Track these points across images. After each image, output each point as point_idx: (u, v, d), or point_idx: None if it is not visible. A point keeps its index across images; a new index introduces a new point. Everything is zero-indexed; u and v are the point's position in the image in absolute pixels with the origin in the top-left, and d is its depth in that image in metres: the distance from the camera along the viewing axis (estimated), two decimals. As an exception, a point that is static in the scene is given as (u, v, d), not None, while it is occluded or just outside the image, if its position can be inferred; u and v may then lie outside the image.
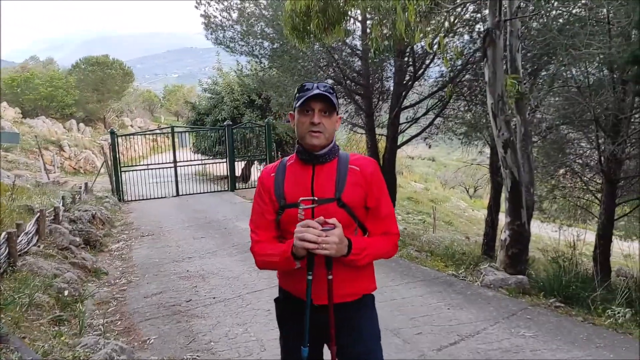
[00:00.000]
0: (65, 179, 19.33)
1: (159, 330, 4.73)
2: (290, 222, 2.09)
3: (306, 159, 2.13)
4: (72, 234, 7.95)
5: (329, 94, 2.04)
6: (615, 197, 9.57)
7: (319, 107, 2.06)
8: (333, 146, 2.14)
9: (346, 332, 2.14)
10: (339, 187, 2.07)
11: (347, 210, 2.06)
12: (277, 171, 2.20)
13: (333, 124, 2.11)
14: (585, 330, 4.47)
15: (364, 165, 2.14)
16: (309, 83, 2.10)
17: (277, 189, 2.14)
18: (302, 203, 2.05)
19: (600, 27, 8.38)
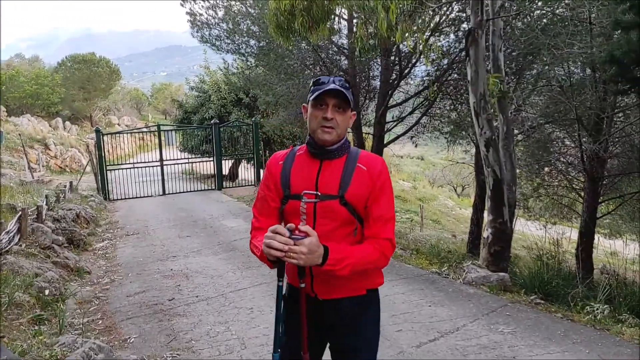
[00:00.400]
0: (50, 177, 19.16)
1: (140, 329, 4.71)
2: (293, 213, 2.09)
3: (315, 152, 2.10)
4: (55, 233, 7.88)
5: (344, 90, 2.02)
6: (598, 195, 9.69)
7: (333, 103, 2.03)
8: (344, 142, 2.11)
9: (346, 331, 2.15)
10: (343, 185, 2.04)
11: (349, 208, 2.03)
12: (285, 159, 2.17)
13: (346, 120, 2.09)
14: (563, 326, 4.52)
15: (372, 165, 2.09)
16: (325, 77, 2.07)
17: (283, 178, 2.12)
18: (305, 196, 2.05)
19: (582, 27, 8.48)
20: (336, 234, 2.04)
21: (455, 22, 11.03)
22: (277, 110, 14.71)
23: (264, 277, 6.29)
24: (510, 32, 9.55)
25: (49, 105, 32.26)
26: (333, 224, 2.04)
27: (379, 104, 12.16)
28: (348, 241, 2.06)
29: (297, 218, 2.06)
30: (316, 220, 2.05)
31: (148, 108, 52.85)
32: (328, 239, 2.01)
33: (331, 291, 2.09)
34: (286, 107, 13.44)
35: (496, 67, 6.96)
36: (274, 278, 6.18)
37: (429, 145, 31.56)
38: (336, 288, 2.08)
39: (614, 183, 10.46)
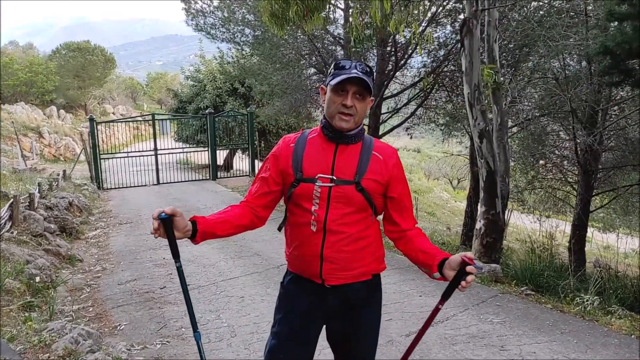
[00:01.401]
0: (43, 165, 19.07)
1: (130, 317, 4.71)
2: (303, 197, 2.05)
3: (331, 136, 2.07)
4: (48, 220, 7.85)
5: (365, 77, 1.97)
6: (591, 189, 9.71)
7: (354, 90, 1.99)
8: (360, 129, 2.09)
9: (351, 317, 2.14)
10: (360, 171, 2.02)
11: (364, 195, 2.02)
12: (297, 142, 2.13)
13: (365, 107, 2.05)
14: (553, 317, 4.55)
15: (387, 154, 2.10)
16: (346, 61, 2.03)
17: (295, 161, 2.09)
18: (319, 180, 2.03)
19: (578, 19, 8.47)
20: (349, 218, 2.04)
21: (452, 13, 11.00)
22: (272, 100, 14.65)
23: (256, 267, 6.29)
24: (507, 24, 9.52)
25: (43, 93, 32.03)
26: (347, 209, 2.03)
27: (375, 94, 12.10)
28: (362, 226, 2.06)
29: (308, 202, 2.04)
30: (330, 204, 2.03)
31: (143, 97, 52.53)
32: (342, 223, 2.03)
33: (340, 277, 2.08)
34: (281, 97, 13.39)
35: (491, 58, 6.94)
36: (265, 267, 6.22)
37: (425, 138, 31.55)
38: (345, 273, 2.07)
39: (608, 176, 10.49)
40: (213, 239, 2.15)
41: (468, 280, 1.86)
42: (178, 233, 2.00)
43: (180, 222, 1.98)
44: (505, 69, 10.07)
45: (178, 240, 2.02)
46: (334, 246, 2.04)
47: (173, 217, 1.96)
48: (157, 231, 1.97)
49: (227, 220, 2.13)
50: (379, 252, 2.18)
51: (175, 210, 1.95)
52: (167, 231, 1.97)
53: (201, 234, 2.06)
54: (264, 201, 2.18)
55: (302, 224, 2.08)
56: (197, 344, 2.15)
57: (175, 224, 1.97)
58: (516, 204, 13.92)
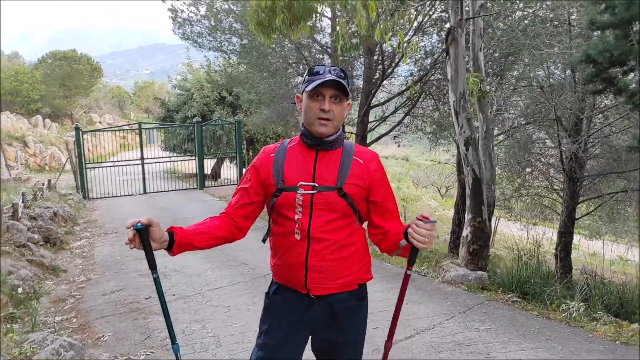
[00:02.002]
0: (28, 175, 18.88)
1: (114, 328, 4.64)
2: (286, 206, 2.04)
3: (311, 143, 2.05)
4: (31, 231, 7.75)
5: (341, 80, 1.96)
6: (577, 196, 9.79)
7: (331, 94, 1.97)
8: (340, 134, 2.07)
9: (336, 327, 2.11)
10: (342, 176, 2.01)
11: (347, 200, 2.00)
12: (277, 152, 2.12)
13: (343, 110, 2.03)
14: (538, 323, 4.56)
15: (368, 158, 2.09)
16: (319, 66, 2.02)
17: (275, 170, 2.07)
18: (301, 188, 2.01)
19: (562, 28, 8.57)
20: (333, 225, 2.02)
21: (438, 22, 11.09)
22: (260, 109, 14.63)
23: (243, 276, 6.25)
24: (492, 33, 9.62)
25: (28, 102, 31.70)
26: (331, 215, 2.01)
27: (362, 103, 12.16)
28: (346, 232, 2.04)
29: (291, 210, 2.02)
30: (313, 212, 2.01)
31: (130, 106, 52.27)
32: (326, 230, 2.01)
33: (325, 286, 2.05)
34: (269, 106, 13.38)
35: (476, 66, 7.00)
36: (252, 277, 6.18)
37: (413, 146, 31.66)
38: (331, 283, 2.05)
39: (593, 184, 10.58)
40: (191, 250, 2.11)
41: (419, 233, 1.86)
42: (154, 244, 1.95)
43: (157, 232, 1.94)
44: (491, 78, 10.16)
45: (155, 251, 1.98)
46: (318, 254, 2.02)
47: (149, 227, 1.91)
48: (132, 241, 1.92)
49: (206, 232, 2.10)
50: (364, 260, 2.16)
51: (151, 220, 1.91)
52: (143, 242, 1.92)
53: (178, 245, 2.02)
54: (244, 212, 2.15)
55: (286, 233, 2.06)
56: (176, 356, 2.11)
57: (151, 235, 1.93)
58: (503, 212, 14.00)
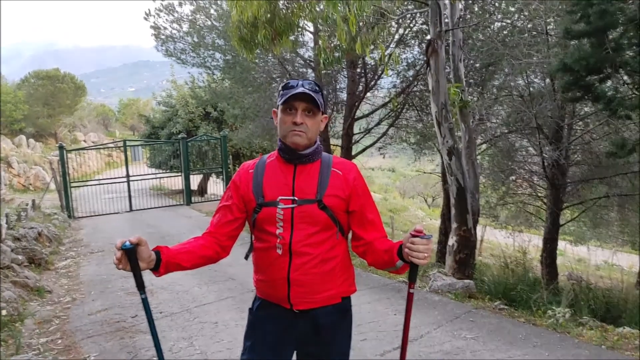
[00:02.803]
0: (12, 196, 18.68)
1: (100, 348, 4.59)
2: (267, 221, 2.03)
3: (288, 157, 2.06)
4: (15, 252, 7.65)
5: (313, 93, 1.98)
6: (560, 202, 9.90)
7: (303, 107, 1.99)
8: (317, 147, 2.09)
9: (321, 341, 2.11)
10: (321, 189, 2.01)
11: (327, 212, 2.01)
12: (256, 168, 2.12)
13: (317, 123, 2.05)
14: (525, 330, 4.59)
15: (346, 169, 2.09)
16: (293, 80, 2.04)
17: (255, 186, 2.07)
18: (281, 202, 2.01)
19: (540, 38, 8.72)
20: (315, 238, 2.02)
21: (419, 34, 11.23)
22: (245, 124, 14.66)
23: (230, 291, 6.22)
24: (472, 44, 9.76)
25: (11, 122, 31.44)
26: (312, 228, 2.01)
27: (346, 115, 12.24)
28: (328, 245, 2.04)
29: (272, 225, 2.02)
30: (294, 226, 2.01)
31: (115, 124, 52.05)
32: (307, 244, 2.01)
33: (308, 301, 2.05)
34: (254, 120, 13.42)
35: (457, 77, 7.09)
36: (240, 292, 6.16)
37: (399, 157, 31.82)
38: (314, 297, 2.04)
39: (576, 190, 10.71)
40: (177, 270, 2.07)
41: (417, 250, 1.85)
42: (142, 263, 1.92)
43: (145, 252, 1.91)
44: (472, 88, 10.30)
45: (142, 271, 1.95)
46: (300, 268, 2.02)
47: (137, 247, 1.88)
48: (121, 262, 1.89)
49: (191, 251, 2.08)
50: (347, 273, 2.16)
51: (140, 239, 1.88)
52: (132, 262, 1.89)
53: (165, 265, 1.99)
54: (228, 230, 2.14)
55: (268, 248, 2.07)
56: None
57: (139, 254, 1.90)
58: (489, 220, 14.11)
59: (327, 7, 5.67)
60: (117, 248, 1.86)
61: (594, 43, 5.45)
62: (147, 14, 12.33)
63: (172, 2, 12.62)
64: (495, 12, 9.84)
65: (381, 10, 6.77)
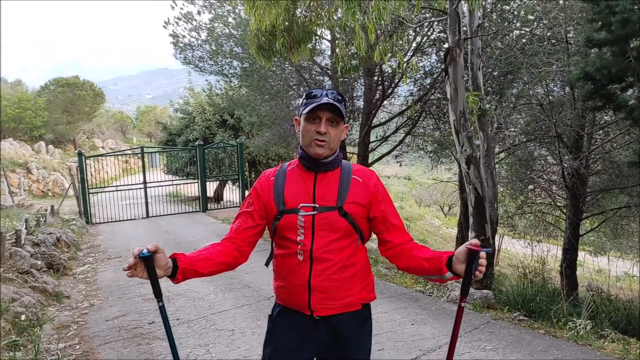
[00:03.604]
0: (31, 201, 18.91)
1: (118, 354, 4.61)
2: (288, 228, 2.05)
3: (309, 165, 2.08)
4: (34, 257, 7.74)
5: (337, 103, 2.00)
6: (580, 212, 9.75)
7: (327, 117, 2.01)
8: (337, 155, 2.10)
9: (341, 348, 2.10)
10: (342, 196, 2.03)
11: (348, 219, 2.02)
12: (277, 176, 2.15)
13: (339, 133, 2.07)
14: (545, 342, 4.51)
15: (366, 176, 2.11)
16: (317, 90, 2.06)
17: (276, 194, 2.09)
18: (302, 209, 2.03)
19: (560, 47, 8.64)
20: (336, 245, 2.03)
21: (436, 42, 11.20)
22: (261, 131, 14.72)
23: (247, 299, 6.22)
24: (490, 52, 9.71)
25: (31, 129, 32.01)
26: (333, 235, 2.02)
27: (363, 123, 12.23)
28: (348, 252, 2.05)
29: (293, 232, 2.04)
30: (315, 233, 2.02)
31: (133, 131, 52.65)
32: (328, 250, 2.02)
33: (329, 307, 2.05)
34: (270, 128, 13.47)
35: (475, 85, 7.05)
36: (256, 299, 6.15)
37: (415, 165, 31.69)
38: (334, 303, 2.05)
39: (596, 200, 10.55)
40: (195, 277, 2.07)
41: (481, 264, 1.85)
42: (159, 271, 1.93)
43: (162, 259, 1.92)
44: (491, 96, 10.22)
45: (159, 278, 1.96)
46: (321, 274, 2.03)
47: (154, 254, 1.90)
48: (131, 269, 1.90)
49: (209, 258, 2.08)
50: (367, 280, 2.16)
51: (157, 246, 1.90)
52: (149, 270, 1.90)
53: (182, 272, 2.00)
54: (247, 235, 2.15)
55: (289, 255, 2.08)
56: None
57: (156, 261, 1.91)
58: (507, 230, 13.95)
59: (345, 15, 5.67)
60: (135, 256, 1.88)
61: (615, 52, 5.38)
62: (166, 23, 12.48)
63: (190, 11, 12.78)
64: (514, 20, 9.77)
65: (399, 19, 6.76)
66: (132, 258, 1.89)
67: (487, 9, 9.08)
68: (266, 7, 6.62)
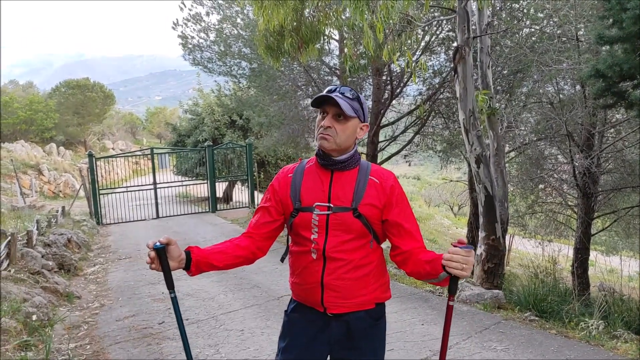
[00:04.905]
0: (42, 202, 19.08)
1: (128, 354, 4.62)
2: (303, 226, 2.05)
3: (325, 164, 2.06)
4: (46, 258, 7.80)
5: (343, 99, 1.97)
6: (592, 211, 9.66)
7: (334, 111, 2.00)
8: (354, 154, 2.08)
9: (354, 347, 2.10)
10: (357, 197, 2.01)
11: (362, 221, 2.00)
12: (295, 172, 2.14)
13: (348, 129, 2.01)
14: (557, 342, 4.47)
15: (384, 178, 2.07)
16: (333, 85, 2.06)
17: (293, 191, 2.09)
18: (317, 208, 2.02)
19: (570, 44, 8.57)
20: (349, 245, 2.02)
21: (445, 41, 11.16)
22: (270, 131, 14.73)
23: (256, 299, 6.22)
24: (500, 50, 9.65)
25: (42, 130, 32.29)
26: (346, 236, 2.01)
27: (372, 123, 12.20)
28: (361, 253, 2.04)
29: (308, 230, 2.04)
30: (328, 232, 2.02)
31: (143, 132, 52.95)
32: (341, 250, 2.01)
33: (341, 305, 2.05)
34: (279, 128, 13.48)
35: (485, 83, 7.01)
36: (265, 299, 6.14)
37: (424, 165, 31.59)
38: (347, 301, 2.04)
39: (608, 199, 10.45)
40: (211, 270, 2.09)
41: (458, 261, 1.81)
42: (173, 262, 1.96)
43: (175, 251, 1.95)
44: (500, 95, 10.16)
45: (173, 270, 1.98)
46: (334, 273, 2.02)
47: (167, 246, 1.93)
48: (154, 261, 1.94)
49: (225, 251, 2.09)
50: (382, 280, 2.14)
51: (169, 239, 1.93)
52: (162, 261, 1.94)
53: (195, 264, 2.02)
54: (265, 230, 2.15)
55: (303, 252, 2.08)
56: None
57: (169, 253, 1.94)
58: (517, 229, 13.86)
59: (354, 14, 5.66)
60: (150, 248, 1.92)
61: (627, 49, 5.32)
62: (174, 24, 12.53)
63: (199, 12, 12.81)
64: (524, 18, 9.70)
65: (408, 18, 6.73)
66: (150, 251, 1.93)
67: (496, 7, 9.02)
68: (274, 7, 6.62)
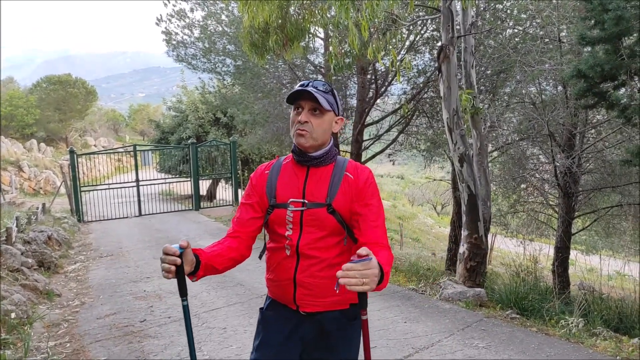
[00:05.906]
0: (23, 199, 18.80)
1: (108, 352, 4.57)
2: (277, 222, 2.04)
3: (301, 160, 2.05)
4: (25, 255, 7.68)
5: (318, 92, 1.95)
6: (572, 211, 9.78)
7: (309, 106, 1.98)
8: (330, 150, 2.06)
9: (326, 347, 2.07)
10: (331, 193, 1.99)
11: (336, 217, 1.98)
12: (271, 169, 2.12)
13: (324, 124, 2.00)
14: (538, 340, 4.51)
15: (359, 173, 2.04)
16: (306, 81, 2.03)
17: (269, 187, 2.08)
18: (291, 204, 2.00)
19: (553, 45, 8.66)
20: (323, 243, 2.00)
21: (430, 41, 11.20)
22: (254, 129, 14.68)
23: (239, 297, 6.19)
24: (483, 50, 9.71)
25: (23, 126, 31.80)
26: (320, 232, 1.99)
27: (356, 122, 12.20)
28: (335, 251, 2.02)
29: (282, 227, 2.02)
30: (302, 229, 2.00)
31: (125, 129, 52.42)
32: (315, 247, 1.99)
33: (314, 304, 2.03)
34: (263, 126, 13.43)
35: (469, 83, 7.05)
36: (249, 297, 6.12)
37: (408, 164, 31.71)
38: (319, 300, 2.02)
39: (589, 199, 10.58)
40: (212, 274, 2.03)
41: (350, 276, 1.57)
42: (187, 267, 1.86)
43: (189, 255, 1.86)
44: (484, 95, 10.24)
45: None
46: (306, 270, 2.01)
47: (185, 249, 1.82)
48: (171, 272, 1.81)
49: (221, 254, 2.04)
50: None
51: (187, 242, 1.84)
52: (178, 267, 1.79)
53: (203, 267, 1.94)
54: (252, 228, 2.12)
55: (278, 249, 2.07)
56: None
57: (185, 257, 1.84)
58: (499, 228, 13.98)
59: (339, 12, 5.65)
60: (170, 254, 1.79)
61: (608, 49, 5.38)
62: (158, 20, 12.40)
63: (183, 8, 12.65)
64: (507, 19, 9.78)
65: (393, 16, 6.74)
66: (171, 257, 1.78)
67: (480, 7, 9.08)
68: (259, 4, 6.59)
